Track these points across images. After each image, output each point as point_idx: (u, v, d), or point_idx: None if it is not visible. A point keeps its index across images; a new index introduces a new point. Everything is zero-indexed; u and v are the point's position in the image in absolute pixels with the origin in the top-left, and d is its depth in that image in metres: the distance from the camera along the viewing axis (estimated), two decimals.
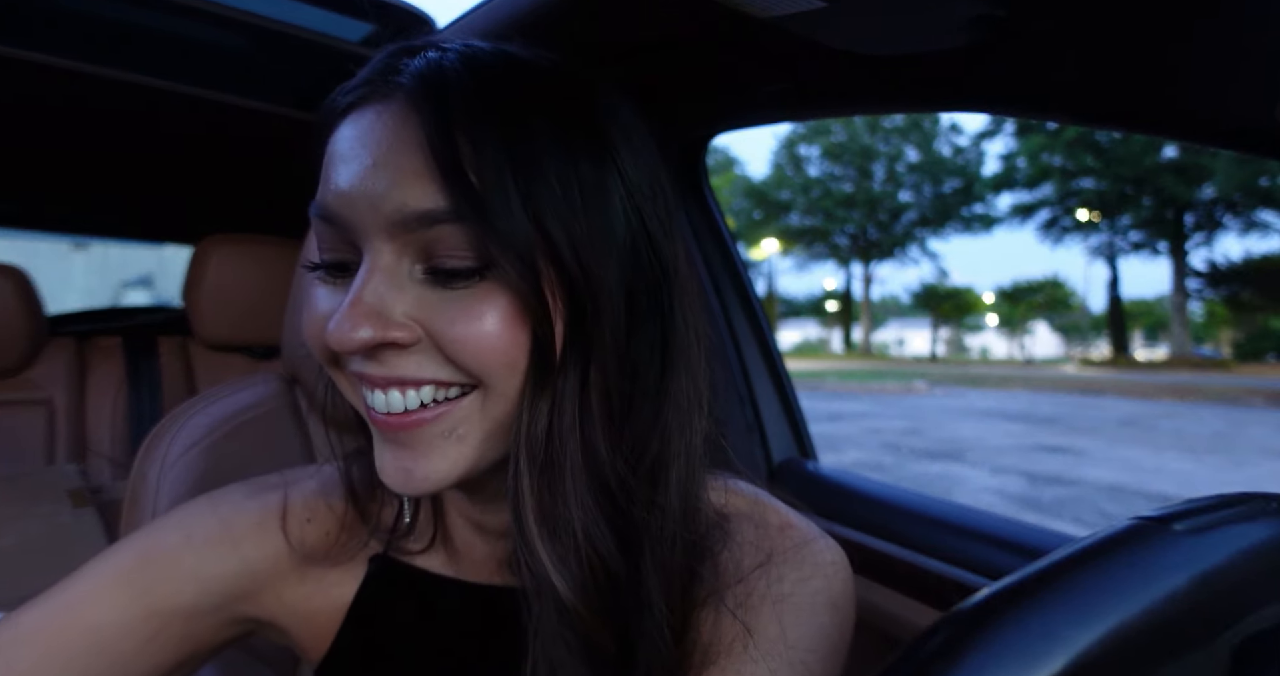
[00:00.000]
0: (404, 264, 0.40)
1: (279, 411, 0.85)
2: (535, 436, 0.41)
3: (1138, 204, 26.39)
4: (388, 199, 0.39)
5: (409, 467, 0.42)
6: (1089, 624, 0.26)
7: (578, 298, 0.40)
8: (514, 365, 0.40)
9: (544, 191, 0.39)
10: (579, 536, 0.41)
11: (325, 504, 0.54)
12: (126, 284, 14.01)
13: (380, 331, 0.39)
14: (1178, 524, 0.30)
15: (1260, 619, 0.28)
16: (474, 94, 0.39)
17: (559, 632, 0.41)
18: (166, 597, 0.50)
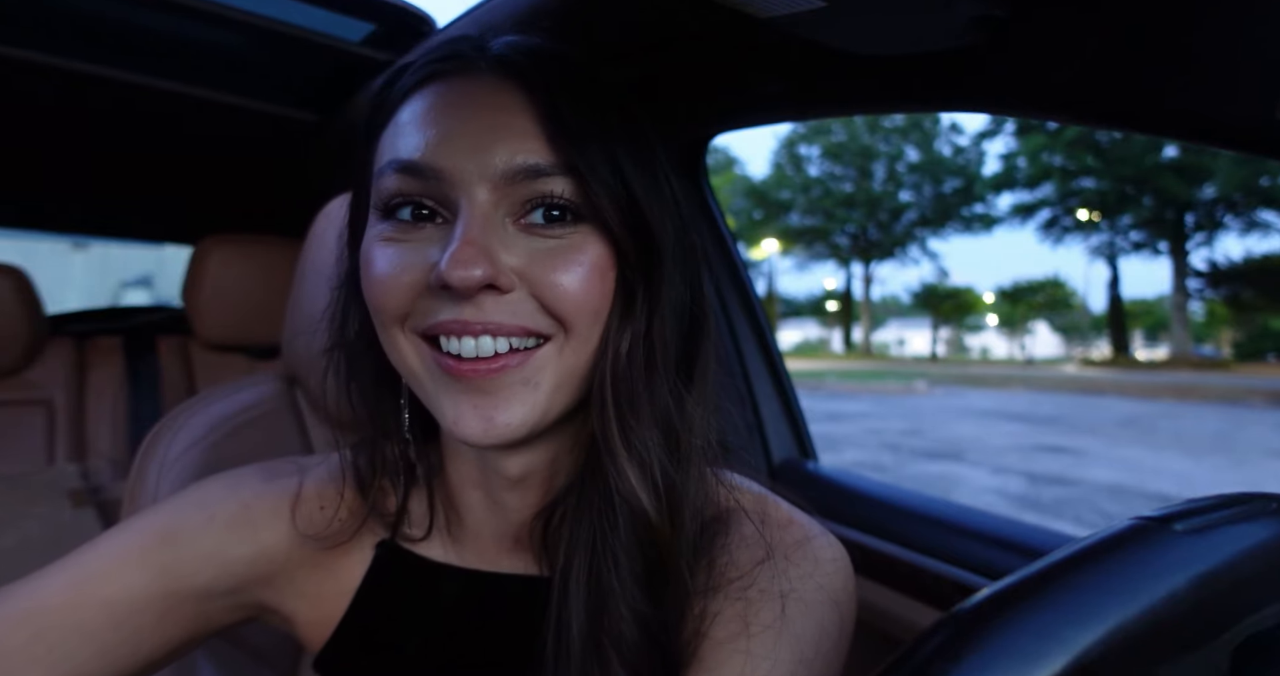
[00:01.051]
0: (499, 214, 0.43)
1: (279, 411, 0.85)
2: (619, 372, 0.45)
3: (1138, 204, 26.39)
4: (495, 152, 0.42)
5: (490, 415, 0.43)
6: (1089, 624, 0.26)
7: (649, 248, 0.45)
8: (599, 313, 0.45)
9: (625, 160, 0.44)
10: (650, 457, 0.45)
11: (336, 491, 0.55)
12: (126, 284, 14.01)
13: (492, 270, 0.41)
14: (1178, 524, 0.30)
15: (1260, 619, 0.28)
16: (559, 68, 0.45)
17: (631, 543, 0.45)
18: (184, 578, 0.51)
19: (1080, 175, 26.91)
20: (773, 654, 0.43)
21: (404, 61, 0.49)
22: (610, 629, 0.44)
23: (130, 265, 14.01)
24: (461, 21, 0.98)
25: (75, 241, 12.19)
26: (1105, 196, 26.70)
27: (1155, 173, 24.44)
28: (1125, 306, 33.61)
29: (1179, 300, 27.10)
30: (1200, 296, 28.55)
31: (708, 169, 1.27)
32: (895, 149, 32.54)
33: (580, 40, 0.91)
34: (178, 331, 1.87)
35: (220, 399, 0.82)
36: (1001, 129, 28.51)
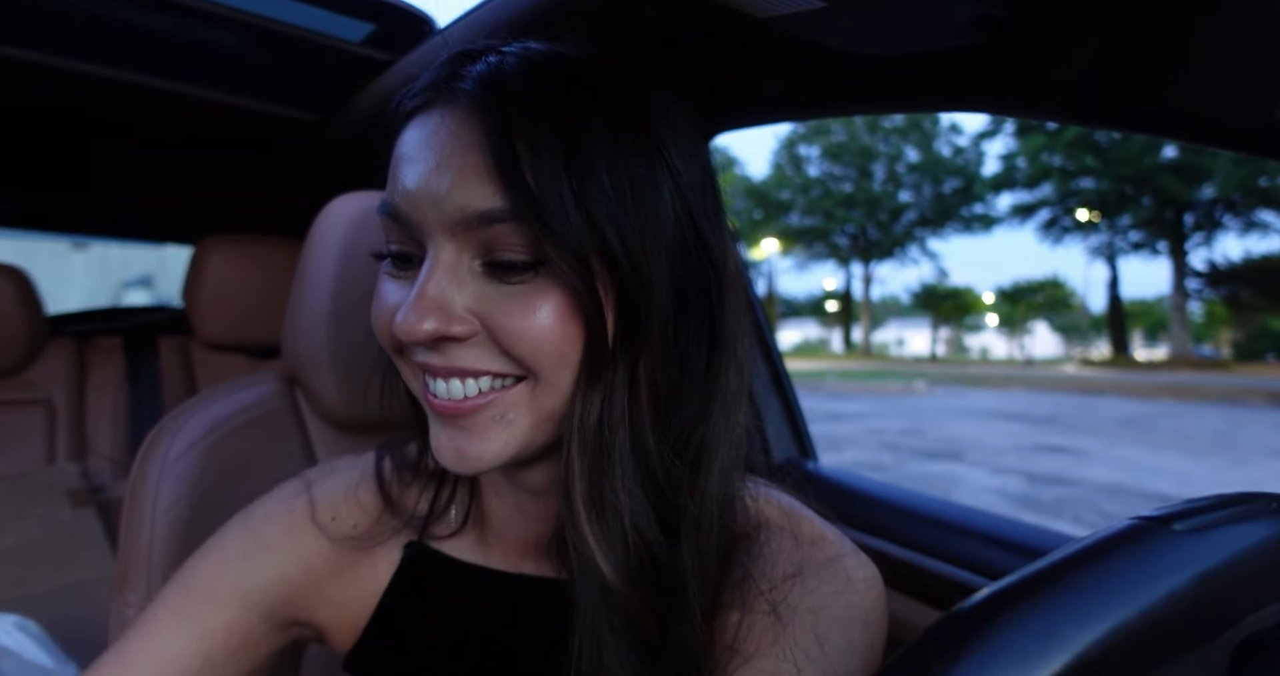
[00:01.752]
0: (464, 259, 0.42)
1: (279, 411, 0.85)
2: (587, 426, 0.43)
3: (1137, 204, 26.39)
4: (450, 199, 0.41)
5: (462, 447, 0.44)
6: (1089, 624, 0.26)
7: (628, 293, 0.42)
8: (565, 358, 0.42)
9: (597, 192, 0.40)
10: (625, 522, 0.43)
11: (351, 498, 0.56)
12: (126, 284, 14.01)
13: (443, 324, 0.41)
14: (1177, 524, 0.30)
15: (1260, 618, 0.28)
16: (531, 97, 0.41)
17: (604, 614, 0.43)
18: (212, 618, 0.53)
19: (1080, 175, 26.90)
20: (805, 669, 0.43)
21: (407, 88, 0.47)
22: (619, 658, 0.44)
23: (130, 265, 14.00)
24: (461, 22, 0.98)
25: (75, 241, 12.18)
26: (1105, 196, 26.69)
27: (1154, 173, 24.44)
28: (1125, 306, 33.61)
29: (1178, 300, 27.11)
30: (1199, 296, 28.56)
31: None
32: (895, 149, 32.54)
33: (579, 41, 0.92)
34: (178, 331, 1.87)
35: (220, 399, 0.82)
36: (1001, 129, 28.53)
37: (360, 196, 0.89)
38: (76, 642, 1.17)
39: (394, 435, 0.59)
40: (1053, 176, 27.32)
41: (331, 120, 1.41)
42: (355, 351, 0.86)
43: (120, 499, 0.78)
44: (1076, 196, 27.61)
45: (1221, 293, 27.18)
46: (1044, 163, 27.21)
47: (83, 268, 13.69)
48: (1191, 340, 32.17)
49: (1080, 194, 27.37)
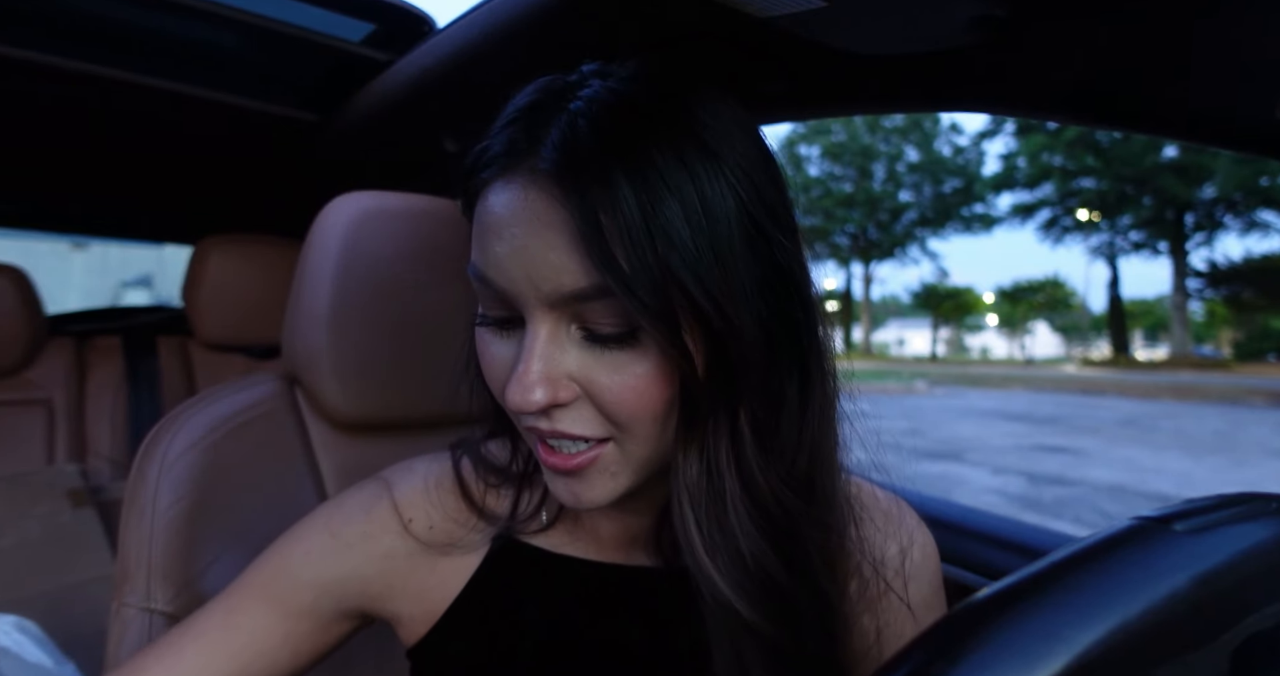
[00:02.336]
0: (562, 328, 0.44)
1: (279, 411, 0.85)
2: (691, 479, 0.45)
3: (1138, 204, 26.38)
4: (545, 279, 0.42)
5: (577, 492, 0.47)
6: (1089, 624, 0.26)
7: (721, 346, 0.42)
8: (658, 416, 0.44)
9: (682, 254, 0.40)
10: (749, 563, 0.44)
11: (433, 500, 0.58)
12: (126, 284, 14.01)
13: (550, 395, 0.43)
14: (1178, 524, 0.30)
15: (1261, 619, 0.28)
16: (607, 164, 0.41)
17: (736, 627, 0.45)
18: (294, 600, 0.56)
19: (1080, 175, 26.89)
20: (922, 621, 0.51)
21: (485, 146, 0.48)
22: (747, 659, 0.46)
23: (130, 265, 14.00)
24: (461, 22, 0.98)
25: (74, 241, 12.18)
26: (1105, 196, 26.68)
27: (1155, 173, 24.42)
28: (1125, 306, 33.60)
29: (1179, 300, 27.10)
30: (1200, 296, 28.55)
31: None
32: (895, 149, 32.53)
33: (579, 41, 0.91)
34: (178, 331, 1.87)
35: (220, 399, 0.82)
36: (1001, 129, 28.52)
37: (360, 196, 0.89)
38: (76, 643, 1.16)
39: (466, 435, 0.61)
40: (1053, 176, 27.30)
41: (331, 120, 1.41)
42: (355, 351, 0.86)
43: (120, 499, 0.78)
44: (1077, 196, 27.60)
45: (1222, 292, 27.17)
46: (1044, 162, 27.20)
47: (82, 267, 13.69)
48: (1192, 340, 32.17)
49: (1081, 194, 27.36)
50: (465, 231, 0.96)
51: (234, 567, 0.75)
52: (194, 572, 0.71)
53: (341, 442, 0.88)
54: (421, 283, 0.90)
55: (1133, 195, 26.08)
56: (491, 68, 1.00)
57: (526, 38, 0.90)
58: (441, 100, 1.18)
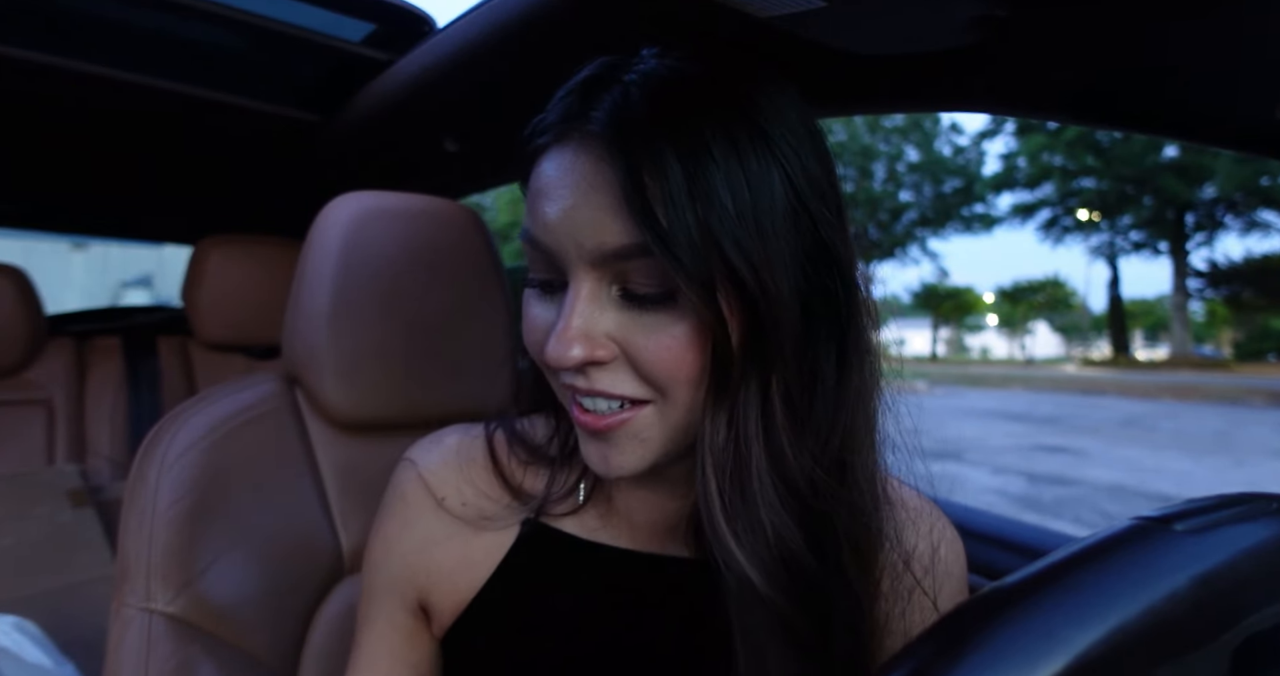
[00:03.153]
0: (603, 289, 0.45)
1: (279, 411, 0.85)
2: (717, 445, 0.45)
3: (1138, 204, 26.36)
4: (588, 237, 0.44)
5: (608, 457, 0.48)
6: (1089, 624, 0.26)
7: (756, 313, 0.43)
8: (694, 379, 0.45)
9: (722, 218, 0.42)
10: (770, 536, 0.44)
11: (465, 477, 0.58)
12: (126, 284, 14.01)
13: (587, 352, 0.45)
14: (1178, 524, 0.30)
15: (1261, 619, 0.28)
16: (656, 129, 0.42)
17: (760, 619, 0.45)
18: (386, 609, 0.59)
19: (1080, 175, 26.87)
20: None
21: (541, 117, 0.50)
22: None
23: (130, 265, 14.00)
24: (461, 21, 0.98)
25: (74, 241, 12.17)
26: (1105, 196, 26.66)
27: (1155, 173, 24.41)
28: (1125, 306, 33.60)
29: (1179, 300, 27.09)
30: (1200, 296, 28.53)
31: None
32: (895, 149, 32.52)
33: (579, 40, 0.91)
34: (177, 331, 1.87)
35: (220, 399, 0.82)
36: (1001, 129, 28.49)
37: (360, 196, 0.89)
38: (76, 643, 1.16)
39: (502, 415, 0.62)
40: (1053, 176, 27.28)
41: (331, 120, 1.41)
42: (355, 351, 0.86)
43: (120, 499, 0.78)
44: (1077, 196, 27.58)
45: (1222, 292, 27.16)
46: (1044, 162, 27.18)
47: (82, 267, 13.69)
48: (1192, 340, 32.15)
49: (1081, 194, 27.34)
50: (465, 231, 0.96)
51: (234, 567, 0.75)
52: (194, 572, 0.71)
53: (341, 442, 0.88)
54: (421, 282, 0.90)
55: (1133, 195, 26.06)
56: (491, 68, 1.00)
57: (526, 38, 0.90)
58: (441, 100, 1.18)
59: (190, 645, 0.70)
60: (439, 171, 1.52)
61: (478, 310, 0.95)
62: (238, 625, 0.74)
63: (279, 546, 0.79)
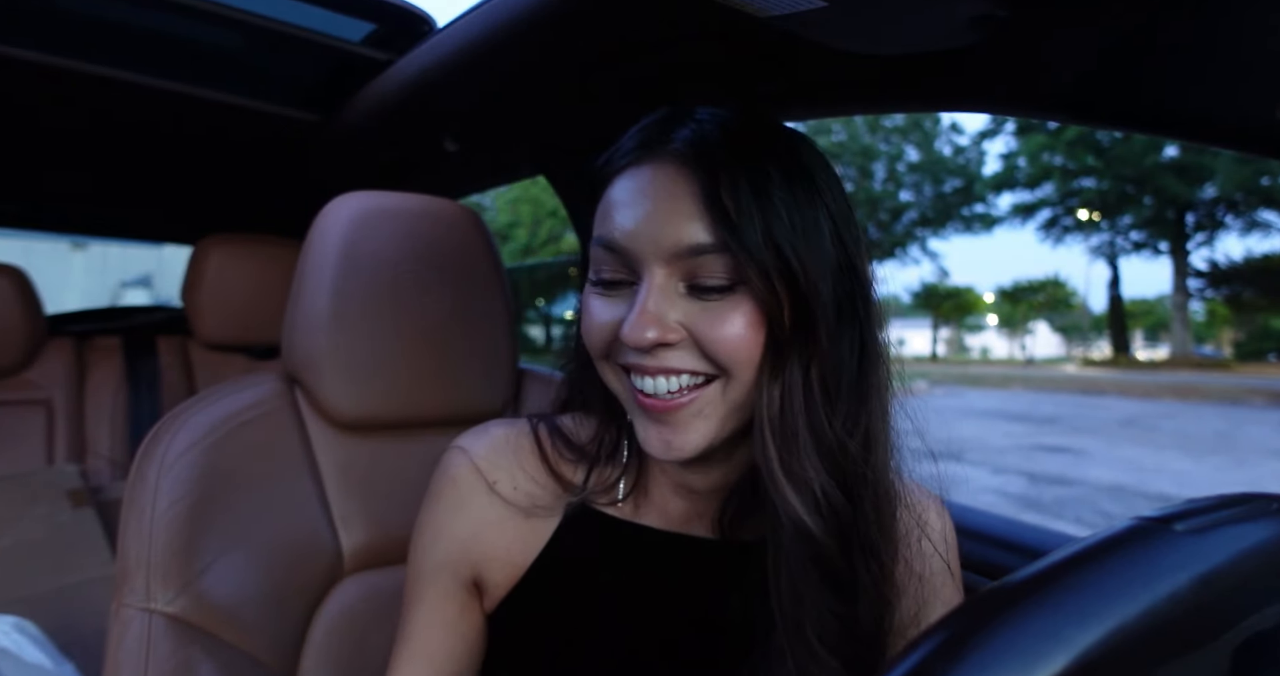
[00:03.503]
0: (672, 282, 0.53)
1: (279, 411, 0.85)
2: (773, 413, 0.53)
3: (1139, 203, 26.34)
4: (666, 235, 0.52)
5: (669, 439, 0.55)
6: (1090, 624, 0.26)
7: (803, 305, 0.52)
8: (752, 359, 0.53)
9: (780, 226, 0.51)
10: (815, 488, 0.53)
11: (515, 465, 0.64)
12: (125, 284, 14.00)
13: (661, 334, 0.52)
14: (1179, 524, 0.30)
15: (1261, 619, 0.28)
16: (729, 155, 0.52)
17: (802, 560, 0.53)
18: (438, 585, 0.64)
19: (1081, 175, 26.86)
20: (944, 588, 0.62)
21: (616, 148, 0.58)
22: (810, 622, 0.53)
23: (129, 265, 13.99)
24: (461, 21, 0.98)
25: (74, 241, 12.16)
26: (1105, 196, 26.64)
27: (1156, 172, 24.40)
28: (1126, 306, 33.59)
29: (1179, 300, 27.08)
30: (1201, 296, 28.52)
31: None
32: (895, 149, 32.52)
33: (579, 40, 0.92)
34: (177, 331, 1.87)
35: (220, 399, 0.82)
36: (1002, 128, 28.48)
37: (360, 196, 0.89)
38: (76, 643, 1.16)
39: (546, 413, 0.68)
40: (1054, 176, 27.27)
41: (331, 120, 1.41)
42: (355, 351, 0.86)
43: (119, 499, 0.78)
44: (1077, 196, 27.56)
45: (1223, 292, 27.15)
46: (1045, 162, 27.17)
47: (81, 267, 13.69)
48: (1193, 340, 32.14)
49: (1081, 193, 27.33)
50: (465, 231, 0.96)
51: (234, 567, 0.75)
52: (194, 572, 0.71)
53: (341, 442, 0.88)
54: (421, 282, 0.90)
55: (1133, 195, 26.05)
56: (491, 67, 1.00)
57: (526, 37, 0.90)
58: (441, 100, 1.18)
59: (190, 645, 0.70)
60: (439, 171, 1.52)
61: (477, 310, 0.95)
62: (238, 625, 0.74)
63: (279, 546, 0.79)
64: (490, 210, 25.34)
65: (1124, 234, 28.32)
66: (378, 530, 0.87)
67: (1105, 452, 8.44)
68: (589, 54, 0.94)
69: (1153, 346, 47.33)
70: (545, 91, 1.07)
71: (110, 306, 2.11)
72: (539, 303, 12.24)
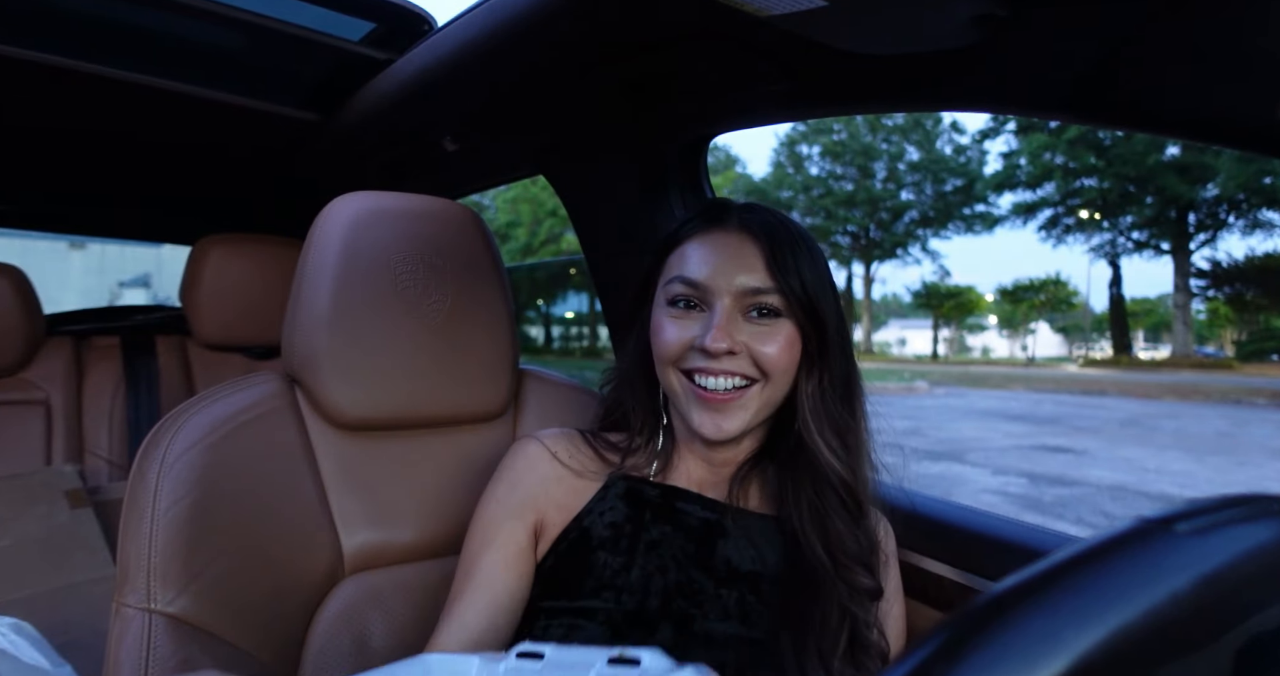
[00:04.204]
0: (735, 310, 0.75)
1: (279, 411, 0.85)
2: (810, 395, 0.77)
3: (1140, 203, 26.34)
4: (737, 279, 0.75)
5: (720, 424, 0.75)
6: (1091, 625, 0.25)
7: (823, 331, 0.76)
8: (788, 369, 0.76)
9: (809, 277, 0.75)
10: (833, 446, 0.76)
11: (568, 441, 0.84)
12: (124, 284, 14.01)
13: (730, 344, 0.73)
14: (1180, 525, 0.29)
15: (1263, 620, 0.28)
16: (780, 231, 0.76)
17: (830, 496, 0.76)
18: (501, 533, 0.79)
19: (1082, 174, 26.86)
20: (894, 601, 0.82)
21: (685, 218, 0.83)
22: (837, 544, 0.74)
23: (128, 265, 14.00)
24: (460, 20, 0.98)
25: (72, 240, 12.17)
26: (1107, 195, 26.65)
27: (1157, 172, 24.39)
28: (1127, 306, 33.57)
29: (1181, 299, 27.08)
30: (1203, 296, 28.52)
31: (708, 169, 1.27)
32: (896, 148, 32.51)
33: (579, 40, 0.91)
34: (176, 331, 1.87)
35: (220, 399, 0.82)
36: (1003, 128, 28.48)
37: (360, 196, 0.89)
38: (75, 643, 1.16)
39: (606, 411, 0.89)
40: (1055, 175, 27.27)
41: (331, 120, 1.41)
42: (355, 351, 0.86)
43: (118, 499, 0.78)
44: (1079, 195, 27.56)
45: (1225, 292, 27.15)
46: (1046, 161, 27.17)
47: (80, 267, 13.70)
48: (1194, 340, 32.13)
49: (1082, 193, 27.32)
50: (465, 231, 0.97)
51: (234, 567, 0.75)
52: (194, 572, 0.71)
53: (341, 442, 0.88)
54: (421, 282, 0.90)
55: (1135, 194, 26.05)
56: (491, 67, 1.00)
57: (526, 36, 0.90)
58: (441, 100, 1.18)
59: (190, 645, 0.70)
60: (439, 171, 1.52)
61: (477, 310, 0.94)
62: (238, 625, 0.73)
63: (279, 546, 0.79)
64: (490, 210, 25.34)
65: (1125, 233, 28.32)
66: (378, 530, 0.87)
67: (1106, 453, 8.44)
68: (589, 54, 0.94)
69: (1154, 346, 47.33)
70: (545, 91, 1.07)
71: (109, 306, 2.10)
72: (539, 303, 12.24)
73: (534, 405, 1.03)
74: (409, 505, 0.91)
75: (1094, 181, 26.79)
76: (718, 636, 0.72)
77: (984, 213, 31.94)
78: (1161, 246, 27.52)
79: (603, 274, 1.34)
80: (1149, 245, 27.99)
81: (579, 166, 1.30)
